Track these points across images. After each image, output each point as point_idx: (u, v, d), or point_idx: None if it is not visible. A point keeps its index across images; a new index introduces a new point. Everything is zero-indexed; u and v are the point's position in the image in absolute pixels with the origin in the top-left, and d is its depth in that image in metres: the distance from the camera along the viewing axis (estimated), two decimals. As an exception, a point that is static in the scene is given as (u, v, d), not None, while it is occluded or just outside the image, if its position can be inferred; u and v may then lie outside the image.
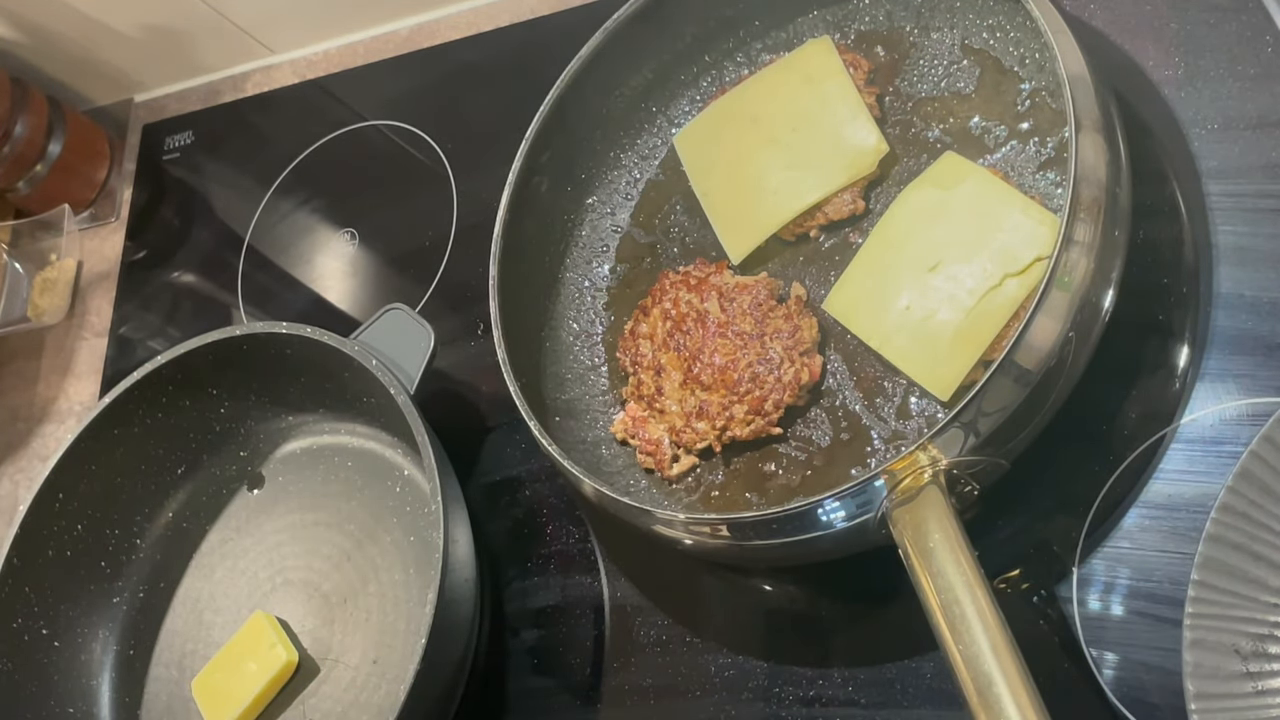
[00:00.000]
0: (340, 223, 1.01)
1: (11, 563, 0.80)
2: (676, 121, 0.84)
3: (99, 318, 1.09)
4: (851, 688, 0.67)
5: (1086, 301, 0.59)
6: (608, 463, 0.76)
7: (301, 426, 0.88)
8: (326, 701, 0.78)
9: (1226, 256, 0.67)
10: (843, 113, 0.75)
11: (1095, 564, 0.64)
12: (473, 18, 1.03)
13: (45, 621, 0.82)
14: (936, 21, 0.76)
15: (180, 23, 1.08)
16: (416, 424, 0.72)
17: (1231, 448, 0.63)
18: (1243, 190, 0.68)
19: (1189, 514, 0.63)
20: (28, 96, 1.07)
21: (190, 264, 1.08)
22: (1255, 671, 0.56)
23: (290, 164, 1.06)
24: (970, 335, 0.66)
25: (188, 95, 1.17)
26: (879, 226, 0.72)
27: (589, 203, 0.84)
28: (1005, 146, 0.71)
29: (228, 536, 0.88)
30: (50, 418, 1.06)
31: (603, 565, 0.78)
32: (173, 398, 0.84)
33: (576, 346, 0.81)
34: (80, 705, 0.83)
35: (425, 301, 0.93)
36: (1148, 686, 0.60)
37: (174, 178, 1.13)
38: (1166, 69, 0.73)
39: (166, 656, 0.85)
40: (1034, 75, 0.71)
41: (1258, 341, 0.65)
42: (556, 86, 0.79)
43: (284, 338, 0.80)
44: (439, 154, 0.98)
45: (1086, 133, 0.60)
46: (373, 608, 0.79)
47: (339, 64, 1.09)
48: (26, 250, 1.11)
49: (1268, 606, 0.57)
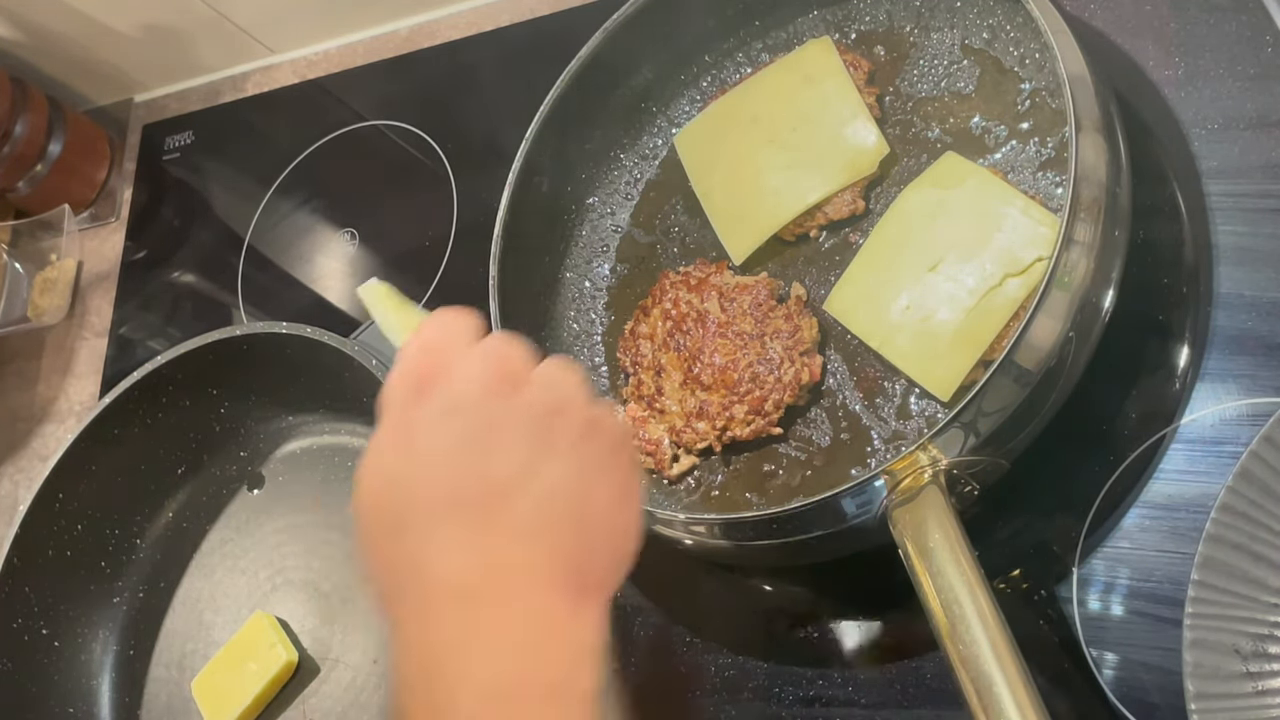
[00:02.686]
0: (340, 223, 1.01)
1: (11, 563, 0.80)
2: (676, 121, 0.84)
3: (99, 318, 1.09)
4: (851, 688, 0.67)
5: (1086, 301, 0.59)
6: (608, 463, 0.75)
7: (301, 426, 0.88)
8: (326, 701, 0.78)
9: (1226, 256, 0.67)
10: (843, 113, 0.75)
11: (1095, 564, 0.64)
12: (473, 18, 1.03)
13: (45, 621, 0.82)
14: (936, 21, 0.76)
15: (180, 23, 1.08)
16: (416, 424, 0.72)
17: (1231, 448, 0.63)
18: (1243, 190, 0.68)
19: (1189, 514, 0.63)
20: (28, 96, 1.07)
21: (190, 264, 1.08)
22: (1255, 671, 0.56)
23: (290, 164, 1.06)
24: (970, 335, 0.66)
25: (188, 95, 1.17)
26: (879, 226, 0.72)
27: (589, 203, 0.84)
28: (1005, 146, 0.71)
29: (228, 536, 0.88)
30: (50, 418, 1.06)
31: (603, 565, 0.78)
32: (173, 398, 0.84)
33: (576, 346, 0.81)
34: (80, 705, 0.83)
35: (425, 301, 0.93)
36: (1148, 686, 0.60)
37: (174, 178, 1.13)
38: (1166, 69, 0.73)
39: (166, 656, 0.85)
40: (1034, 75, 0.71)
41: (1258, 341, 0.65)
42: (556, 86, 0.79)
43: (284, 338, 0.80)
44: (439, 154, 0.98)
45: (1086, 133, 0.60)
46: (373, 608, 0.79)
47: (339, 64, 1.09)
48: (26, 250, 1.11)
49: (1268, 606, 0.57)
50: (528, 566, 0.41)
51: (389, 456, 0.43)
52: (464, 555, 0.41)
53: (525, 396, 0.43)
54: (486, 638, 0.40)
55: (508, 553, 0.41)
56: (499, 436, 0.42)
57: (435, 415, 0.43)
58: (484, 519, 0.41)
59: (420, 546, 0.41)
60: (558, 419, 0.43)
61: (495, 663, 0.40)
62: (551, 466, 0.42)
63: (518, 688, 0.39)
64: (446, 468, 0.42)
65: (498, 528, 0.41)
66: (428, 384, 0.44)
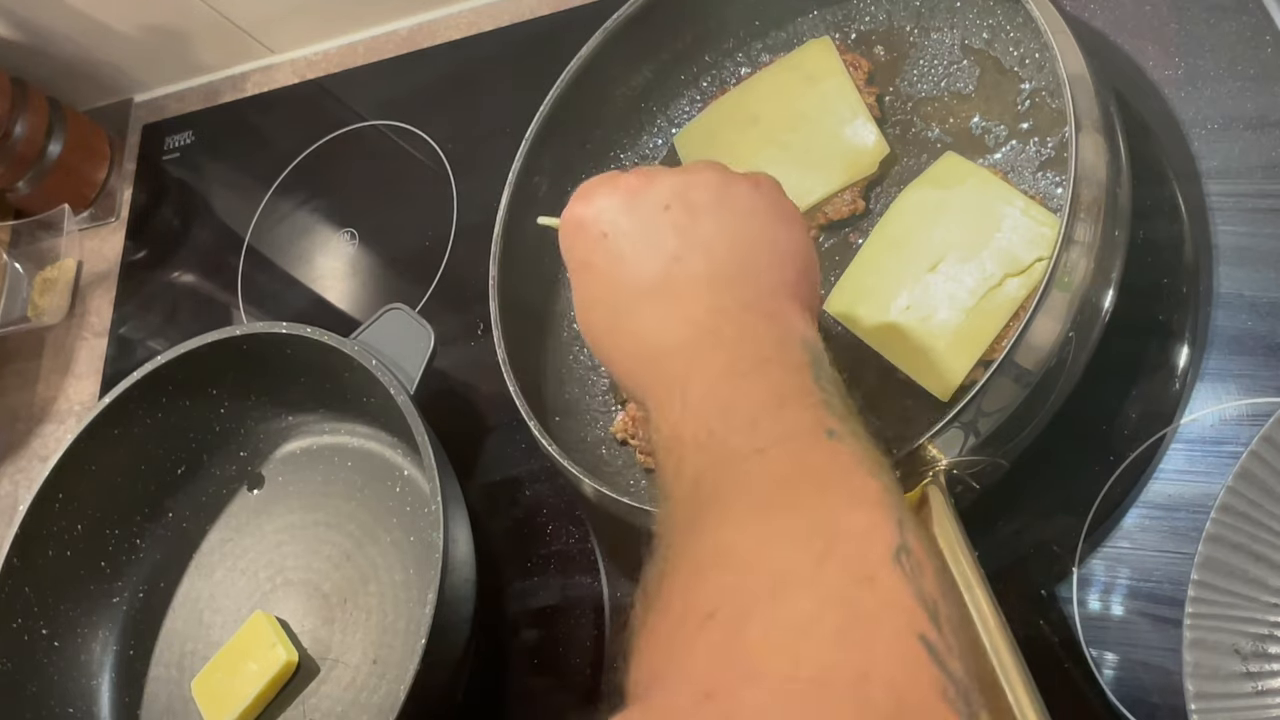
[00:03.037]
0: (340, 223, 1.01)
1: (11, 563, 0.79)
2: (676, 121, 0.84)
3: (99, 318, 1.09)
4: (851, 688, 0.67)
5: (1086, 301, 0.59)
6: (608, 463, 0.76)
7: (301, 426, 0.88)
8: (326, 701, 0.78)
9: (1226, 256, 0.67)
10: (843, 113, 0.75)
11: (1095, 564, 0.64)
12: (473, 18, 1.03)
13: (45, 621, 0.82)
14: (936, 21, 0.76)
15: (180, 23, 1.08)
16: (416, 424, 0.72)
17: (1231, 448, 0.63)
18: (1243, 190, 0.68)
19: (1189, 514, 0.63)
20: (28, 96, 1.07)
21: (190, 264, 1.08)
22: (1255, 671, 0.56)
23: (290, 164, 1.06)
24: (970, 335, 0.66)
25: (188, 95, 1.17)
26: (879, 226, 0.72)
27: (589, 203, 0.84)
28: (1005, 146, 0.71)
29: (228, 536, 0.88)
30: (50, 418, 1.06)
31: (603, 565, 0.78)
32: (173, 398, 0.84)
33: (576, 346, 0.81)
34: (80, 705, 0.83)
35: (425, 301, 0.93)
36: (1148, 686, 0.60)
37: (174, 178, 1.13)
38: (1166, 69, 0.73)
39: (166, 656, 0.85)
40: (1034, 75, 0.71)
41: (1258, 341, 0.65)
42: (556, 86, 0.79)
43: (284, 338, 0.80)
44: (439, 154, 0.98)
45: (1086, 133, 0.60)
46: (373, 608, 0.79)
47: (339, 64, 1.09)
48: (26, 250, 1.11)
49: (1268, 606, 0.57)
50: (717, 303, 0.49)
51: (585, 289, 0.54)
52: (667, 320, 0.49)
53: (656, 187, 0.51)
54: (704, 348, 0.47)
55: (698, 304, 0.49)
56: (653, 226, 0.50)
57: (597, 240, 0.52)
58: (670, 291, 0.49)
59: (637, 327, 0.50)
60: (692, 191, 0.51)
61: (717, 356, 0.47)
62: (703, 227, 0.50)
63: (734, 363, 0.46)
64: (627, 268, 0.51)
65: (682, 290, 0.49)
66: (585, 228, 0.53)
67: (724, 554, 0.39)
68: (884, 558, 0.37)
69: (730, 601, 0.37)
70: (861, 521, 0.38)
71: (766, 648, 0.35)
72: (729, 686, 0.34)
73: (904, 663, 0.34)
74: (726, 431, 0.44)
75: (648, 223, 0.50)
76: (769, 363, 0.46)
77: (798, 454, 0.42)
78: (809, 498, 0.40)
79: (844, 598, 0.36)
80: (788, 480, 0.41)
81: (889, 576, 0.36)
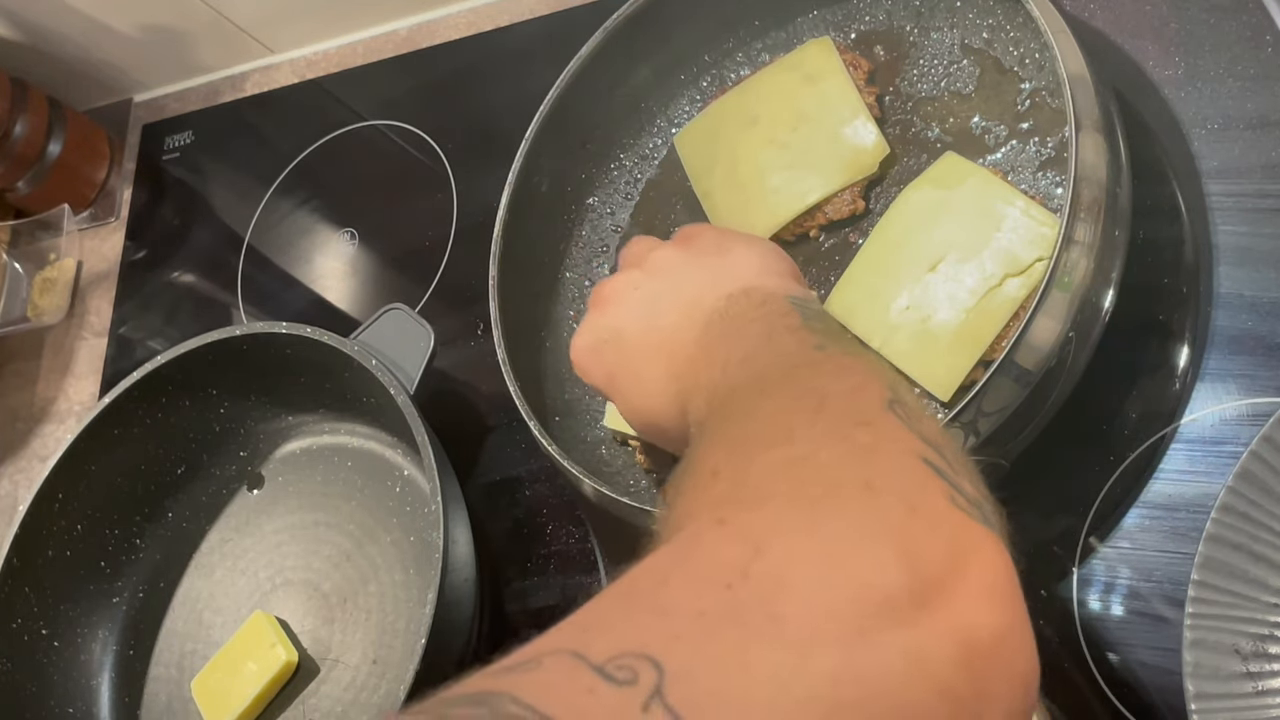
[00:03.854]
0: (340, 223, 1.01)
1: (11, 563, 0.79)
2: (676, 121, 0.84)
3: (99, 318, 1.09)
4: (851, 688, 0.67)
5: (1086, 301, 0.59)
6: (608, 463, 0.76)
7: (301, 426, 0.88)
8: (326, 701, 0.78)
9: (1226, 256, 0.67)
10: (843, 112, 0.75)
11: (1095, 564, 0.64)
12: (473, 18, 1.03)
13: (45, 621, 0.82)
14: (936, 21, 0.76)
15: (180, 23, 1.08)
16: (416, 424, 0.72)
17: (1231, 448, 0.63)
18: (1243, 190, 0.68)
19: (1189, 514, 0.63)
20: (28, 96, 1.07)
21: (190, 264, 1.08)
22: (1255, 671, 0.56)
23: (290, 164, 1.06)
24: (970, 335, 0.66)
25: (188, 95, 1.17)
26: (879, 226, 0.72)
27: (589, 203, 0.84)
28: (1005, 146, 0.71)
29: (228, 536, 0.88)
30: (50, 418, 1.06)
31: (603, 565, 0.78)
32: (173, 398, 0.84)
33: (576, 346, 0.81)
34: (80, 705, 0.83)
35: (425, 301, 0.93)
36: (1148, 686, 0.60)
37: (174, 178, 1.13)
38: (1166, 69, 0.73)
39: (166, 656, 0.85)
40: (1034, 75, 0.71)
41: (1258, 341, 0.65)
42: (556, 86, 0.79)
43: (284, 338, 0.80)
44: (439, 154, 0.98)
45: (1086, 133, 0.60)
46: (373, 608, 0.79)
47: (339, 64, 1.09)
48: (26, 250, 1.11)
49: (1268, 606, 0.57)
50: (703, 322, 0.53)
51: (618, 395, 0.58)
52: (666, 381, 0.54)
53: (615, 284, 0.58)
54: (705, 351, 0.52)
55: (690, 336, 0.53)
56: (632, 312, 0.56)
57: (602, 357, 0.58)
58: (666, 350, 0.54)
59: (636, 386, 0.56)
60: (693, 242, 0.58)
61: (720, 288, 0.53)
62: (661, 286, 0.56)
63: (746, 292, 0.52)
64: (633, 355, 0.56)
65: (675, 350, 0.53)
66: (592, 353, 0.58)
67: (725, 428, 0.43)
68: (878, 407, 0.39)
69: (732, 455, 0.39)
70: (852, 383, 0.41)
71: (769, 479, 0.36)
72: (737, 512, 0.35)
73: (910, 476, 0.36)
74: (726, 380, 0.47)
75: (629, 310, 0.56)
76: (754, 322, 0.50)
77: (790, 363, 0.46)
78: (805, 380, 0.43)
79: (842, 436, 0.37)
80: (785, 376, 0.44)
81: (885, 420, 0.38)
